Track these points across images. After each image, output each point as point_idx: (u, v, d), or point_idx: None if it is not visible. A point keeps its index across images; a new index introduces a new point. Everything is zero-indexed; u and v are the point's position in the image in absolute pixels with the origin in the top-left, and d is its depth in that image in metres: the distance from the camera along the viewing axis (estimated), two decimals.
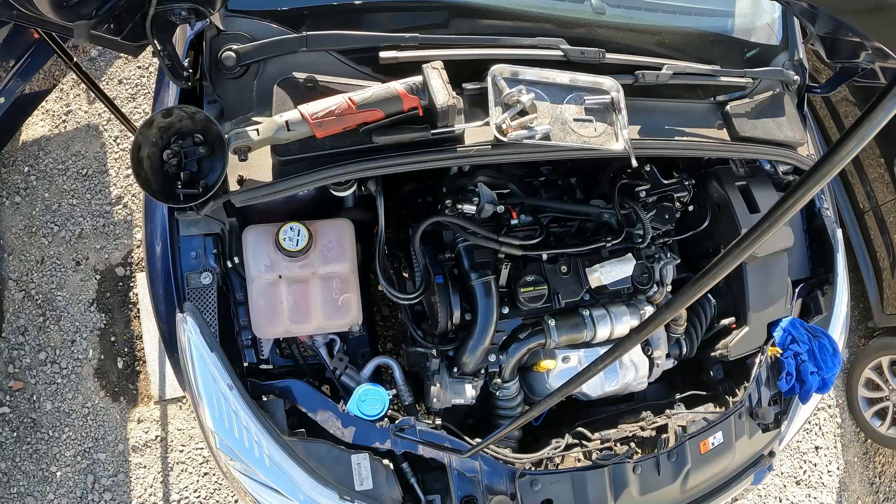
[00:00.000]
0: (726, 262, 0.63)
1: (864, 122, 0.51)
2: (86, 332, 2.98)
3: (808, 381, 2.09)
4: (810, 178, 0.55)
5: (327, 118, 1.52)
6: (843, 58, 1.89)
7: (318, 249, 1.83)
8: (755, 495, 3.57)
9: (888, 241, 3.84)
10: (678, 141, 1.84)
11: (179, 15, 1.46)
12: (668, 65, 1.82)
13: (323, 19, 1.73)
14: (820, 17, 1.73)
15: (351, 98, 1.53)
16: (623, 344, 0.82)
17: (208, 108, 1.65)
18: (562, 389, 1.22)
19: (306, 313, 1.82)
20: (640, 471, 1.90)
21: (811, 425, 3.82)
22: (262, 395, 1.77)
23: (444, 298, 1.93)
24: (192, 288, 1.72)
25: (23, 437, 2.83)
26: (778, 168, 2.27)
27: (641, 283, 2.09)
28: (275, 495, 1.67)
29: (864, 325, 4.14)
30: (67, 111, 3.29)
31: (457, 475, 1.78)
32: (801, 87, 2.16)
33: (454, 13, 1.81)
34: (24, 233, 3.07)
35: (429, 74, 1.54)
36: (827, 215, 2.35)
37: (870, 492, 3.86)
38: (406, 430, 1.77)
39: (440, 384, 1.95)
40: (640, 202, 2.12)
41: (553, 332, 1.97)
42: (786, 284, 2.24)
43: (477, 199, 1.91)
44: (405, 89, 1.55)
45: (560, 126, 1.66)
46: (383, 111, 1.56)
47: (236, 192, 1.60)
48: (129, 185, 3.21)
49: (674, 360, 2.22)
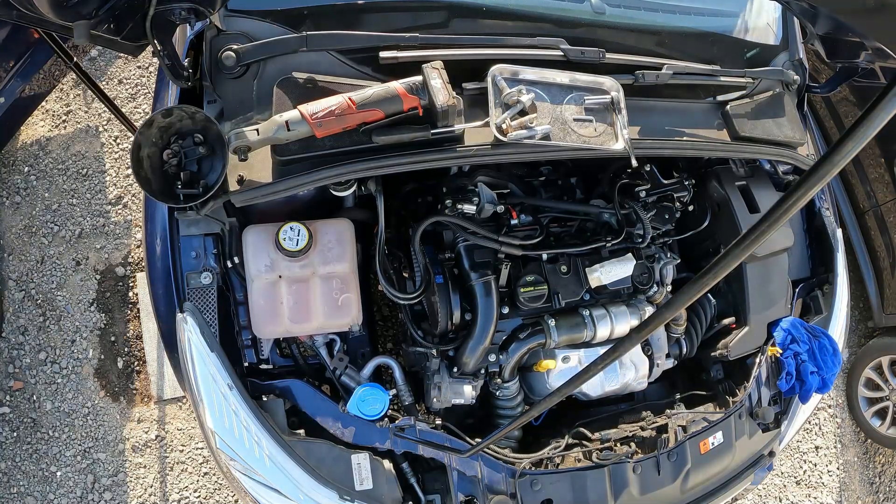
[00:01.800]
0: (726, 262, 0.63)
1: (864, 122, 0.51)
2: (86, 332, 2.98)
3: (808, 381, 2.09)
4: (810, 178, 0.55)
5: (327, 118, 1.52)
6: (843, 58, 1.89)
7: (318, 249, 1.83)
8: (755, 495, 3.57)
9: (888, 241, 3.84)
10: (678, 141, 1.84)
11: (179, 15, 1.46)
12: (668, 65, 1.82)
13: (323, 19, 1.73)
14: (820, 17, 1.73)
15: (351, 98, 1.53)
16: (623, 344, 0.82)
17: (208, 108, 1.65)
18: (562, 389, 1.22)
19: (306, 313, 1.82)
20: (640, 471, 1.90)
21: (811, 425, 3.82)
22: (262, 395, 1.77)
23: (444, 298, 1.93)
24: (192, 288, 1.72)
25: (23, 437, 2.83)
26: (778, 168, 2.27)
27: (641, 282, 2.09)
28: (275, 495, 1.67)
29: (864, 325, 4.14)
30: (67, 111, 3.29)
31: (457, 475, 1.78)
32: (801, 87, 2.16)
33: (454, 13, 1.81)
34: (24, 233, 3.07)
35: (429, 74, 1.54)
36: (827, 215, 2.35)
37: (870, 492, 3.86)
38: (406, 429, 1.77)
39: (440, 384, 1.95)
40: (640, 202, 2.12)
41: (553, 331, 1.97)
42: (786, 284, 2.24)
43: (477, 198, 1.91)
44: (405, 89, 1.55)
45: (560, 126, 1.66)
46: (383, 111, 1.56)
47: (236, 192, 1.60)
48: (129, 185, 3.21)
49: (674, 359, 2.22)
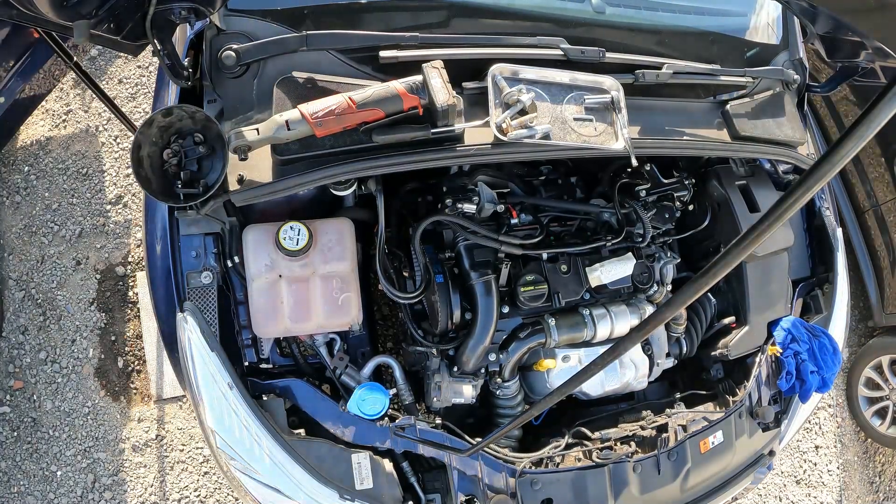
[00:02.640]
0: (726, 262, 0.62)
1: (864, 121, 0.51)
2: (86, 332, 2.98)
3: (808, 381, 2.09)
4: (810, 178, 0.55)
5: (327, 117, 1.52)
6: (843, 57, 1.89)
7: (318, 249, 1.83)
8: (755, 495, 3.57)
9: (888, 240, 3.85)
10: (678, 140, 1.84)
11: (179, 15, 1.46)
12: (668, 64, 1.82)
13: (323, 19, 1.73)
14: (820, 16, 1.73)
15: (351, 97, 1.53)
16: (623, 343, 0.82)
17: (208, 107, 1.65)
18: (562, 389, 1.22)
19: (306, 312, 1.82)
20: (640, 470, 1.90)
21: (811, 424, 3.83)
22: (262, 395, 1.77)
23: (444, 298, 1.93)
24: (193, 287, 1.72)
25: (23, 437, 2.84)
26: (778, 167, 2.27)
27: (641, 282, 2.09)
28: (275, 494, 1.67)
29: (864, 325, 4.14)
30: (67, 111, 3.29)
31: (457, 474, 1.78)
32: (801, 87, 2.16)
33: (454, 13, 1.81)
34: (24, 232, 3.07)
35: (429, 74, 1.54)
36: (827, 215, 2.35)
37: (870, 491, 3.86)
38: (406, 429, 1.77)
39: (440, 383, 1.96)
40: (640, 201, 2.12)
41: (553, 331, 1.97)
42: (786, 284, 2.24)
43: (477, 198, 1.91)
44: (405, 88, 1.55)
45: (560, 125, 1.66)
46: (383, 110, 1.56)
47: (236, 192, 1.60)
48: (129, 185, 3.21)
49: (674, 359, 2.22)
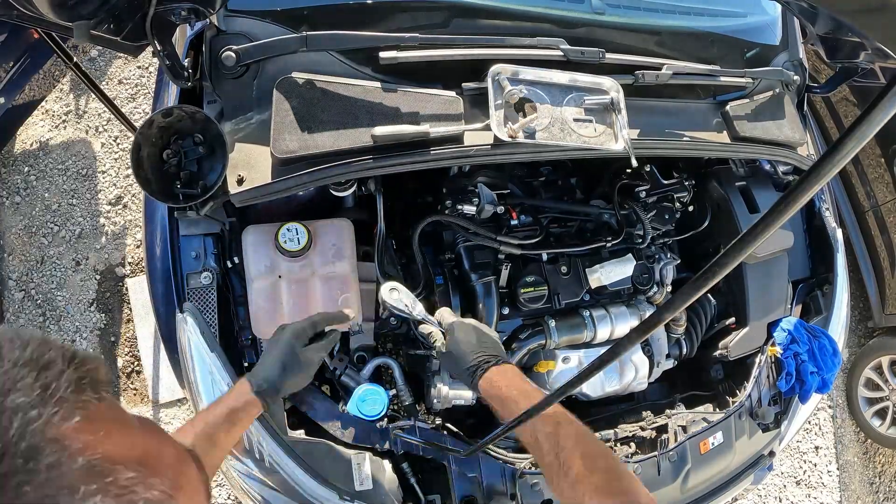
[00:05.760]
0: (726, 262, 0.62)
1: (864, 121, 0.51)
2: (86, 333, 2.98)
3: (807, 381, 2.09)
4: (810, 178, 0.54)
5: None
6: (843, 58, 1.89)
7: (318, 249, 1.82)
8: (755, 495, 3.57)
9: (888, 240, 3.85)
10: (678, 141, 1.84)
11: (179, 15, 1.46)
12: (667, 65, 1.82)
13: (323, 19, 1.73)
14: (820, 17, 1.73)
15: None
16: (623, 344, 0.81)
17: (208, 107, 1.65)
18: (562, 390, 1.22)
19: (306, 313, 1.81)
20: (639, 471, 1.90)
21: (811, 425, 3.83)
22: None
23: (444, 299, 1.93)
24: (192, 288, 1.72)
25: None
26: (778, 168, 2.27)
27: (641, 283, 2.08)
28: (275, 495, 1.67)
29: (864, 325, 4.14)
30: (67, 111, 3.29)
31: (457, 475, 1.77)
32: (801, 87, 2.16)
33: (454, 13, 1.81)
34: (24, 233, 3.07)
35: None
36: (827, 215, 2.35)
37: (870, 491, 3.86)
38: (406, 430, 1.77)
39: (441, 384, 1.95)
40: (639, 202, 2.12)
41: (553, 332, 1.97)
42: (786, 284, 2.24)
43: (477, 199, 1.91)
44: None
45: (560, 126, 1.66)
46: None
47: (236, 192, 1.60)
48: (129, 185, 3.21)
49: (674, 360, 2.21)
